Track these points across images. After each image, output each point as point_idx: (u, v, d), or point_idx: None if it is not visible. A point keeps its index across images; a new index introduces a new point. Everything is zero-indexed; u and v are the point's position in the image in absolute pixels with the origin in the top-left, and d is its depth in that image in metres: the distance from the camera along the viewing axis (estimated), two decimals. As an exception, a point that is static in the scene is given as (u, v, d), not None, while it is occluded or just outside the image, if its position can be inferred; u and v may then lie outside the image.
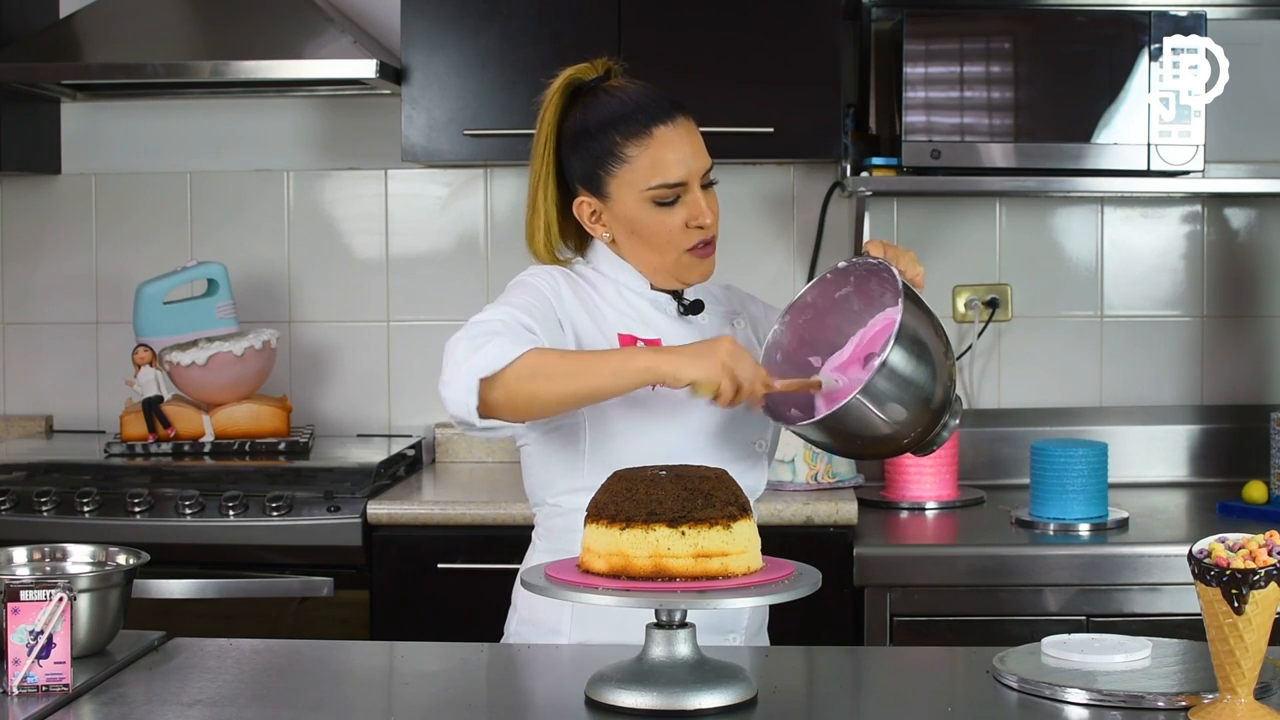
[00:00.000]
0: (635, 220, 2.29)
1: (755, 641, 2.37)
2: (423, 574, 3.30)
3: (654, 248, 2.30)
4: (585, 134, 2.29)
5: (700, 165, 2.29)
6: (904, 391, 2.09)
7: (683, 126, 2.29)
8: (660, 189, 2.26)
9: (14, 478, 3.44)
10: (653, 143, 2.26)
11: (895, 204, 3.88)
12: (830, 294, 2.28)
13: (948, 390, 2.16)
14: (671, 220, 2.28)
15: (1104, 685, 1.89)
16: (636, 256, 2.34)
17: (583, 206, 2.33)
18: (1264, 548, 1.75)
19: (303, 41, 3.59)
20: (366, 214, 4.01)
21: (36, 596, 1.93)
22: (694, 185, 2.28)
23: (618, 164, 2.27)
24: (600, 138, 2.27)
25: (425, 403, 3.96)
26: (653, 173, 2.26)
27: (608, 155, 2.27)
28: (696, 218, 2.28)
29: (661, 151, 2.26)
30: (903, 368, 2.08)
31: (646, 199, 2.27)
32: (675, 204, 2.28)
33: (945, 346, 2.16)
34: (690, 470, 1.90)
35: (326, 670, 2.17)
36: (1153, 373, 3.91)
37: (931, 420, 2.16)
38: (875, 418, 2.09)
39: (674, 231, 2.28)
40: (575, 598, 1.83)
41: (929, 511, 3.49)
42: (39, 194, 4.06)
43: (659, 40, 3.54)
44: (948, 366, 2.15)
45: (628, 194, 2.27)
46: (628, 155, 2.26)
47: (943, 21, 3.49)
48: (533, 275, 2.32)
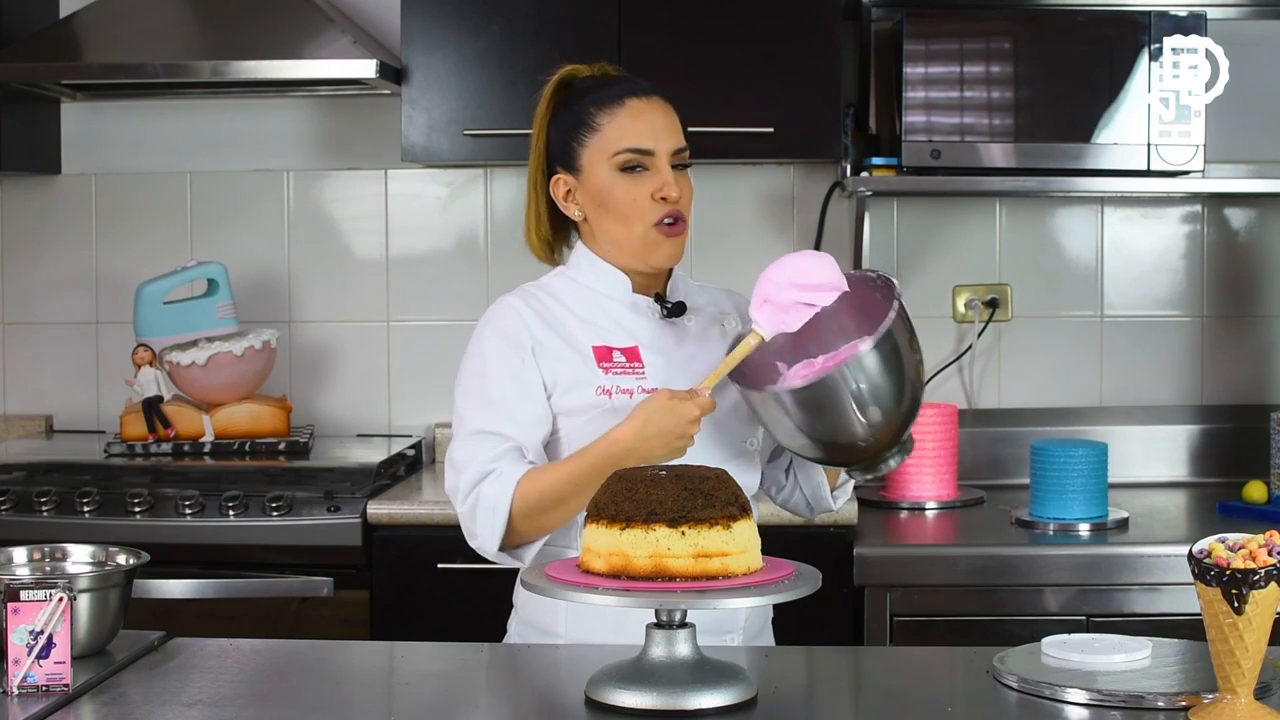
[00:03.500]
0: (604, 191, 2.31)
1: (758, 641, 2.36)
2: (423, 574, 3.30)
3: (620, 220, 2.31)
4: (564, 110, 2.35)
5: (671, 141, 2.32)
6: (875, 391, 2.11)
7: (656, 103, 2.34)
8: (627, 153, 2.29)
9: (14, 478, 3.44)
10: (623, 111, 2.31)
11: (895, 204, 3.88)
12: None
13: (909, 415, 2.19)
14: (638, 190, 2.30)
15: (1104, 685, 1.89)
16: (606, 235, 2.34)
17: (558, 184, 2.36)
18: (1264, 548, 1.75)
19: (303, 41, 3.59)
20: (366, 214, 4.01)
21: (36, 596, 1.93)
22: (662, 158, 2.31)
23: (589, 133, 2.32)
24: (575, 109, 2.33)
25: (425, 403, 3.96)
26: (621, 138, 2.30)
27: (581, 125, 2.32)
28: (662, 188, 2.29)
29: (631, 119, 2.31)
30: (879, 367, 2.11)
31: (615, 166, 2.30)
32: (643, 174, 2.30)
33: (919, 375, 2.19)
34: (690, 470, 1.90)
35: (326, 670, 2.17)
36: (1153, 373, 3.91)
37: (890, 438, 2.18)
38: (845, 404, 2.11)
39: (640, 203, 2.30)
40: (575, 598, 1.83)
41: (929, 511, 3.49)
42: (39, 194, 4.06)
43: (659, 40, 3.54)
44: (918, 391, 2.18)
45: (598, 163, 2.31)
46: (599, 124, 2.31)
47: (943, 21, 3.49)
48: (494, 326, 2.33)
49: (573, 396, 2.28)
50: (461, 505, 2.27)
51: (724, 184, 3.92)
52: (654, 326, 2.35)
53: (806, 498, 2.47)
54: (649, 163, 2.30)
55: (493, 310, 2.36)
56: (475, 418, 2.29)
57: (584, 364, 2.29)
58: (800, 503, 2.49)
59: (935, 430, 3.51)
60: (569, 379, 2.29)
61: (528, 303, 2.35)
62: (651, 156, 2.30)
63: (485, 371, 2.31)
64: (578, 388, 2.29)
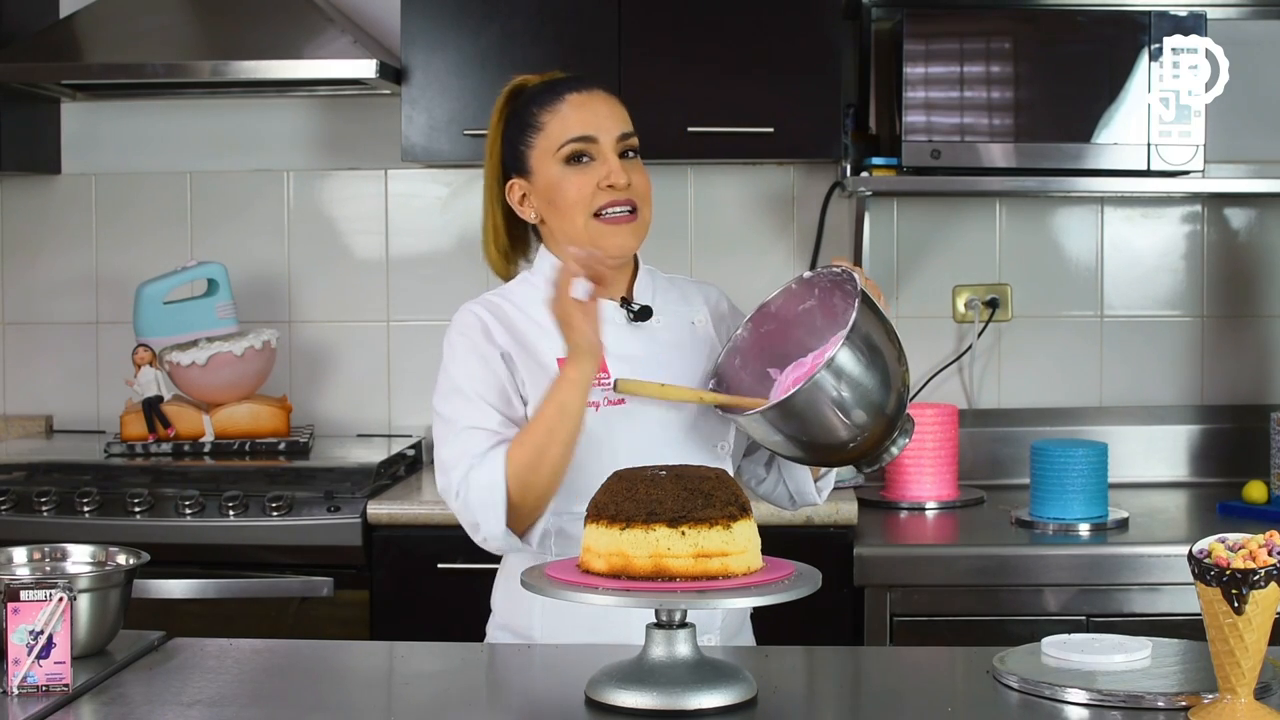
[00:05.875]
0: (552, 188, 2.31)
1: (736, 641, 2.35)
2: (423, 574, 3.30)
3: (566, 214, 2.30)
4: (512, 118, 2.35)
5: (614, 128, 2.31)
6: (855, 391, 2.11)
7: (598, 95, 2.34)
8: (570, 144, 2.29)
9: (14, 478, 3.44)
10: (564, 106, 2.31)
11: (895, 204, 3.88)
12: (794, 306, 2.29)
13: (901, 400, 2.17)
14: (583, 180, 2.29)
15: (1104, 685, 1.89)
16: (559, 233, 2.33)
17: (513, 189, 2.36)
18: (1264, 548, 1.75)
19: (303, 41, 3.59)
20: (366, 214, 4.01)
21: (36, 596, 1.93)
22: (606, 146, 2.30)
23: (534, 133, 2.32)
24: (521, 114, 2.34)
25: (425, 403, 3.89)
26: (563, 130, 2.30)
27: (526, 128, 2.32)
28: (607, 176, 2.28)
29: (572, 111, 2.31)
30: (852, 367, 2.10)
31: (560, 159, 2.30)
32: (588, 164, 2.29)
33: (899, 356, 2.17)
34: (690, 470, 1.90)
35: (326, 670, 2.17)
36: (1153, 373, 3.91)
37: (883, 430, 2.17)
38: (826, 411, 2.11)
39: (584, 192, 2.29)
40: (575, 598, 1.83)
41: (929, 511, 3.49)
42: (39, 194, 4.06)
43: (659, 40, 3.54)
44: (901, 374, 2.17)
45: (545, 162, 2.31)
46: (542, 123, 2.31)
47: (943, 21, 3.49)
48: (458, 329, 2.34)
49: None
50: (455, 501, 2.25)
51: (724, 184, 3.92)
52: (619, 333, 2.32)
53: (790, 491, 2.45)
54: (594, 150, 2.29)
55: (456, 318, 2.36)
56: (456, 416, 2.28)
57: (548, 379, 2.24)
58: (783, 495, 2.46)
59: (935, 430, 3.51)
60: (535, 395, 2.27)
61: (492, 312, 2.34)
62: (595, 144, 2.29)
63: (455, 373, 2.31)
64: None
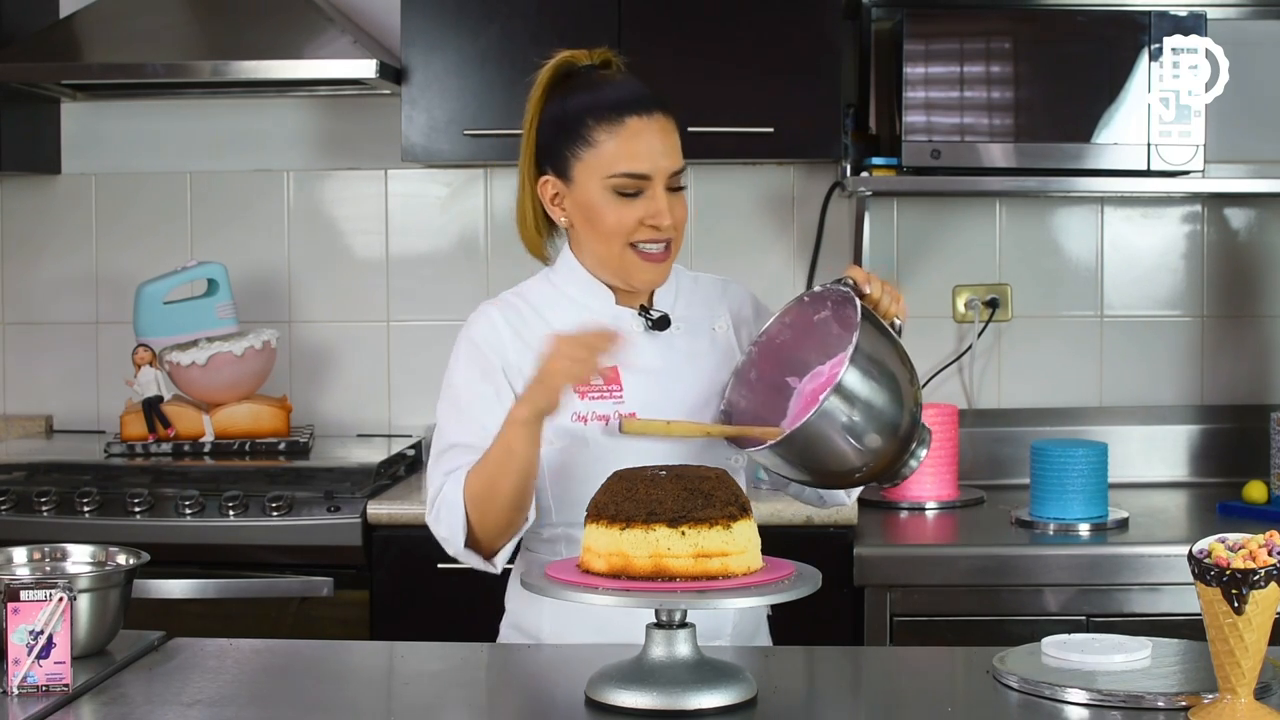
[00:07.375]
0: (593, 208, 2.24)
1: (753, 643, 2.34)
2: (423, 574, 3.29)
3: (602, 238, 2.25)
4: (561, 115, 2.27)
5: (669, 164, 2.24)
6: (864, 414, 2.07)
7: (658, 122, 2.24)
8: (623, 178, 2.22)
9: (14, 478, 3.44)
10: (624, 131, 2.22)
11: (895, 204, 3.88)
12: (809, 317, 2.26)
13: (914, 417, 2.14)
14: (628, 213, 2.23)
15: (1104, 685, 1.90)
16: (588, 247, 2.30)
17: (546, 186, 2.30)
18: (1264, 548, 1.75)
19: (303, 41, 3.59)
20: (366, 214, 4.01)
21: (36, 596, 1.93)
22: (658, 183, 2.23)
23: (586, 148, 2.23)
24: (573, 121, 2.25)
25: (425, 402, 3.95)
26: (617, 160, 2.22)
27: (578, 139, 2.24)
28: (654, 216, 2.23)
29: (631, 142, 2.22)
30: (859, 389, 2.06)
31: (609, 187, 2.23)
32: (636, 198, 2.23)
33: (910, 374, 2.14)
34: (690, 470, 1.90)
35: (326, 670, 2.17)
36: (1153, 373, 3.90)
37: (897, 448, 2.14)
38: (837, 439, 2.08)
39: (626, 224, 2.23)
40: (575, 598, 1.83)
41: (929, 511, 3.49)
42: (39, 194, 4.06)
43: (659, 40, 3.54)
44: (913, 393, 2.13)
45: (591, 180, 2.24)
46: (596, 140, 2.23)
47: (943, 21, 3.49)
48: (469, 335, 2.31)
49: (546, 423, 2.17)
50: (429, 514, 2.25)
51: (724, 184, 3.92)
52: (637, 343, 2.28)
53: (819, 491, 2.42)
54: (644, 187, 2.23)
55: (472, 319, 2.33)
56: (448, 431, 2.27)
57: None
58: (812, 494, 2.43)
59: (935, 430, 3.49)
60: None
61: (506, 316, 2.30)
62: (648, 181, 2.23)
63: (455, 380, 2.29)
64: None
